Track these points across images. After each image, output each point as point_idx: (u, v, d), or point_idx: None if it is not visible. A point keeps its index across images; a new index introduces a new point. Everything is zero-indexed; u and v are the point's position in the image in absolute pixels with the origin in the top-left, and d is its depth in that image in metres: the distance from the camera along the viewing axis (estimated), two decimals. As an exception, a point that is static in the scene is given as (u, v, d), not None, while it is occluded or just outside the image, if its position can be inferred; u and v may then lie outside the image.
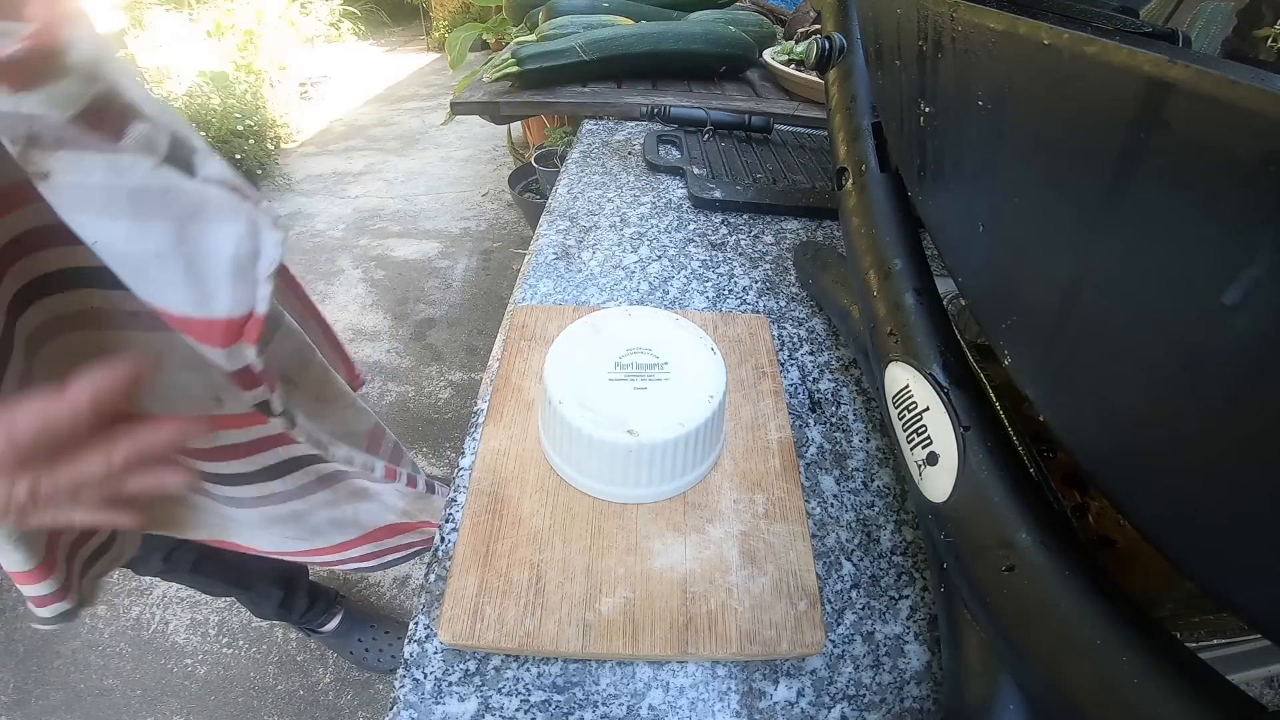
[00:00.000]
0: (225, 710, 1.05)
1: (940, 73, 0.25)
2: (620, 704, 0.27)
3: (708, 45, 0.84)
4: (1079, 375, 0.18)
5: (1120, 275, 0.16)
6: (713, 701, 0.28)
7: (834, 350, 0.45)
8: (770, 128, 0.73)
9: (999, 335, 0.22)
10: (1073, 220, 0.17)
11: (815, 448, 0.38)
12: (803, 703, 0.28)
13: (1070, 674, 0.19)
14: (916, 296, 0.30)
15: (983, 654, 0.24)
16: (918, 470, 0.27)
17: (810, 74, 0.79)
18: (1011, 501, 0.23)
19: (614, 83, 0.85)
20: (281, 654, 1.11)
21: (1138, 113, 0.14)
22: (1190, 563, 0.15)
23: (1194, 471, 0.15)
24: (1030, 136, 0.20)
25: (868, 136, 0.36)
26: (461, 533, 0.31)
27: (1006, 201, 0.21)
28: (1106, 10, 0.29)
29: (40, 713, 1.04)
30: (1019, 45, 0.19)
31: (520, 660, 0.28)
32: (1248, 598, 0.14)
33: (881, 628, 0.31)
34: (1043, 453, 0.27)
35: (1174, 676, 0.17)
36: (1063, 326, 0.18)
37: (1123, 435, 0.17)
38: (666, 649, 0.27)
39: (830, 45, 0.41)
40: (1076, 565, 0.20)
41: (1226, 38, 0.37)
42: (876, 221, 0.33)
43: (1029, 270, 0.20)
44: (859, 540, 0.34)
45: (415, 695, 0.27)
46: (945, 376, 0.27)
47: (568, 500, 0.32)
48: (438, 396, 1.54)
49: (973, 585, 0.24)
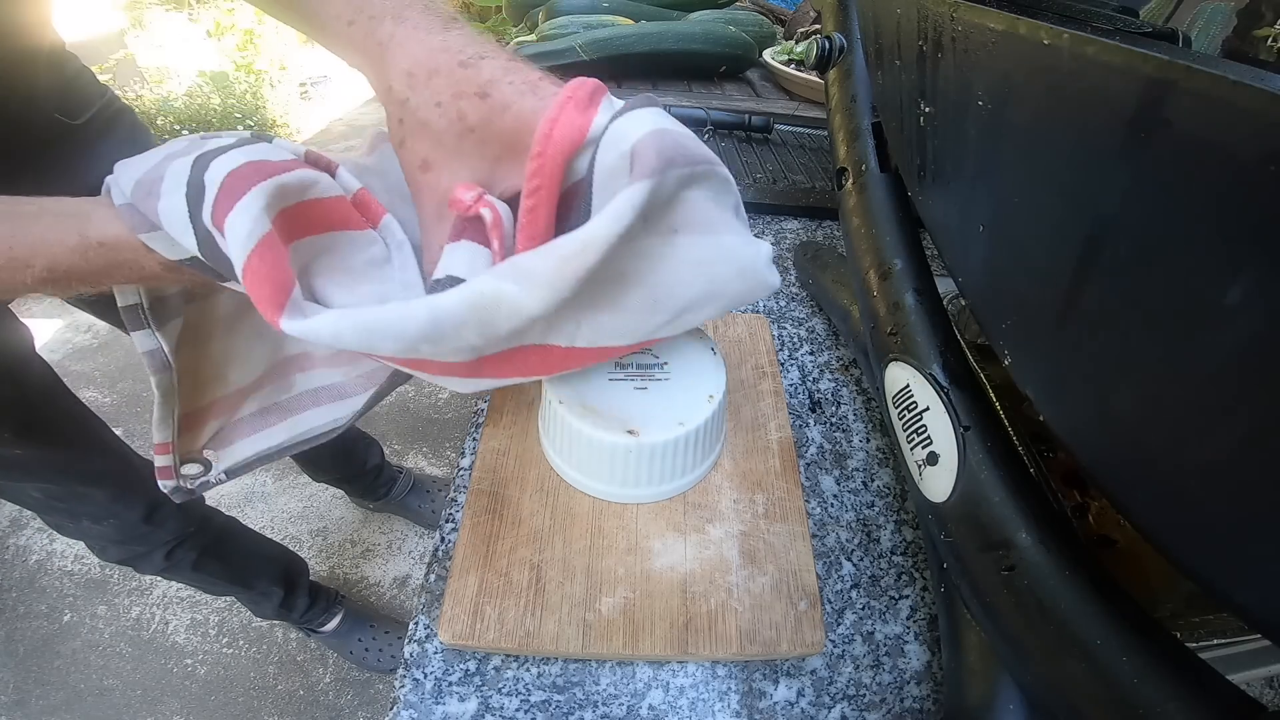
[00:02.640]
0: (225, 710, 1.05)
1: (940, 73, 0.25)
2: (620, 704, 0.27)
3: (708, 45, 0.84)
4: (1079, 375, 0.18)
5: (1120, 275, 0.16)
6: (713, 701, 0.28)
7: (834, 350, 0.45)
8: (770, 128, 0.72)
9: (999, 335, 0.22)
10: (1072, 220, 0.17)
11: (815, 448, 0.38)
12: (803, 703, 0.28)
13: (1070, 674, 0.19)
14: (916, 296, 0.30)
15: (983, 654, 0.24)
16: (918, 470, 0.27)
17: (810, 74, 0.79)
18: (1011, 501, 0.23)
19: (614, 83, 0.84)
20: (281, 654, 1.11)
21: (1138, 113, 0.14)
22: (1190, 563, 0.15)
23: (1194, 471, 0.15)
24: (1030, 136, 0.20)
25: (868, 136, 0.36)
26: (461, 533, 0.31)
27: (1006, 202, 0.21)
28: (1106, 10, 0.29)
29: (40, 713, 1.04)
30: (1019, 45, 0.19)
31: (520, 660, 0.28)
32: (1248, 598, 0.14)
33: (881, 628, 0.30)
34: (1043, 453, 0.27)
35: (1174, 676, 0.17)
36: (1062, 327, 0.18)
37: (1123, 435, 0.17)
38: (666, 649, 0.27)
39: (830, 45, 0.41)
40: (1076, 565, 0.20)
41: (1226, 38, 0.37)
42: (876, 221, 0.33)
43: (1029, 270, 0.20)
44: (859, 540, 0.34)
45: (415, 695, 0.27)
46: (945, 376, 0.27)
47: (568, 500, 0.32)
48: (438, 396, 1.54)
49: (973, 585, 0.24)
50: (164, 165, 0.25)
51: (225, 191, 0.22)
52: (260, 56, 2.81)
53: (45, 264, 0.25)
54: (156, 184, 0.24)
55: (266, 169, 0.23)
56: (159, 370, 0.30)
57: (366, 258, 0.27)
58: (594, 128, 0.22)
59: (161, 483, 0.33)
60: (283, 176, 0.23)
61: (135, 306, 0.29)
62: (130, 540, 0.74)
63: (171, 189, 0.24)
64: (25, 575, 1.23)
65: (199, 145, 0.25)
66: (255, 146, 0.25)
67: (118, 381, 1.56)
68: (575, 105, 0.22)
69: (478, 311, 0.21)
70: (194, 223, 0.23)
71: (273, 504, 1.33)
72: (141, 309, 0.29)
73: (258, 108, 2.56)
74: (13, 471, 0.62)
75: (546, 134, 0.22)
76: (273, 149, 0.25)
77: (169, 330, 0.30)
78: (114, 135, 0.60)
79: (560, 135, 0.22)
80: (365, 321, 0.21)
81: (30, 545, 1.27)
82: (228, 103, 2.42)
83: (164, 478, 0.32)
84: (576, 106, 0.22)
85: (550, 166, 0.22)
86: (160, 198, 0.24)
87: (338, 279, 0.26)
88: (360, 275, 0.26)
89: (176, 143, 0.27)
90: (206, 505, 0.87)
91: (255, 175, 0.22)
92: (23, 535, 1.29)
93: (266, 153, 0.24)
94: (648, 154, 0.21)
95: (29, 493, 0.65)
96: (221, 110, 2.38)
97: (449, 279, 0.23)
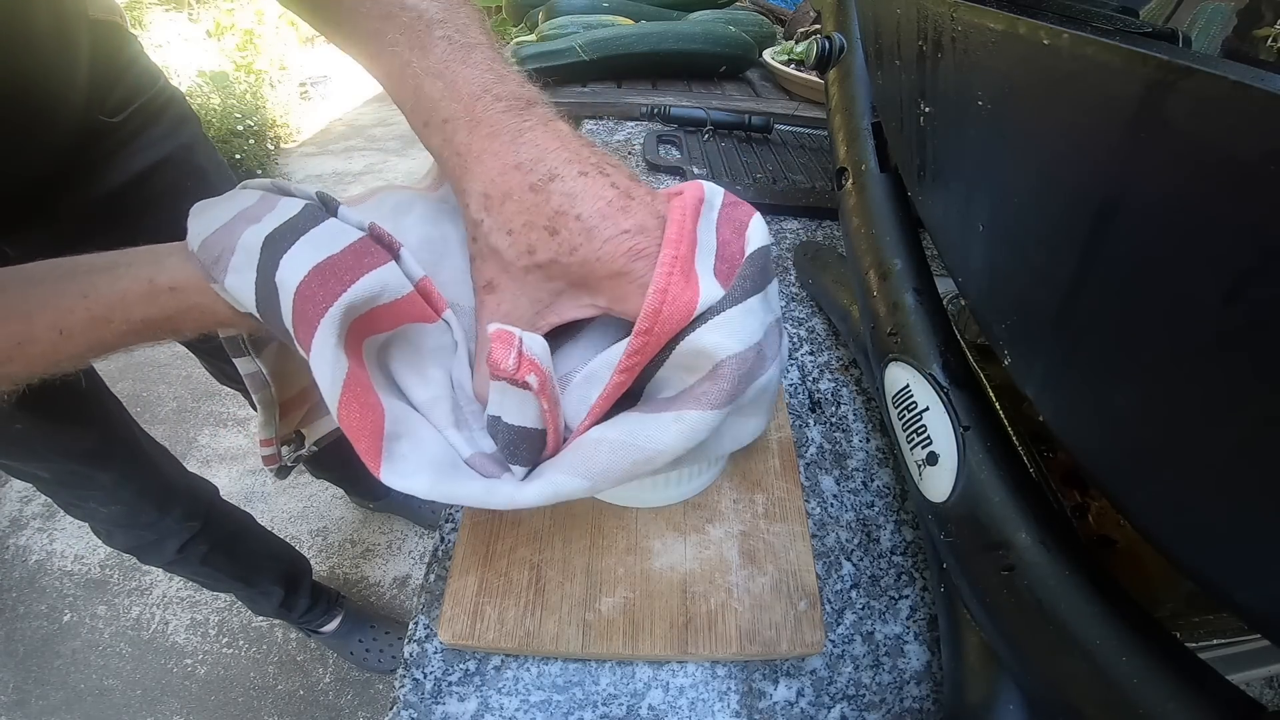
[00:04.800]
0: (225, 710, 1.05)
1: (940, 73, 0.25)
2: (620, 704, 0.27)
3: (708, 45, 0.84)
4: (1079, 375, 0.18)
5: (1120, 275, 0.16)
6: (713, 701, 0.28)
7: (834, 350, 0.45)
8: (770, 127, 0.72)
9: (999, 335, 0.22)
10: (1072, 220, 0.17)
11: (815, 448, 0.38)
12: (803, 703, 0.28)
13: (1070, 674, 0.19)
14: (916, 296, 0.30)
15: (983, 654, 0.24)
16: (918, 470, 0.27)
17: (810, 74, 0.79)
18: (1011, 501, 0.23)
19: (614, 82, 0.84)
20: (281, 654, 1.11)
21: (1137, 113, 0.14)
22: (1190, 563, 0.15)
23: (1194, 471, 0.15)
24: (1030, 136, 0.20)
25: (868, 136, 0.36)
26: (461, 532, 0.31)
27: (1006, 201, 0.21)
28: (1106, 10, 0.29)
29: (40, 713, 1.04)
30: (1019, 45, 0.19)
31: (520, 660, 0.28)
32: (1248, 598, 0.14)
33: (881, 628, 0.30)
34: (1043, 453, 0.27)
35: (1174, 676, 0.17)
36: (1062, 326, 0.18)
37: (1123, 435, 0.17)
38: (666, 649, 0.27)
39: (830, 45, 0.41)
40: (1076, 565, 0.20)
41: (1226, 38, 0.37)
42: (876, 221, 0.33)
43: (1029, 270, 0.20)
44: (859, 540, 0.34)
45: (415, 695, 0.27)
46: (945, 376, 0.27)
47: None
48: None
49: (973, 585, 0.24)
50: (236, 228, 0.25)
51: (300, 317, 0.23)
52: (260, 56, 2.81)
53: (122, 316, 0.25)
54: (227, 255, 0.25)
55: (332, 281, 0.23)
56: (259, 389, 0.32)
57: (435, 344, 0.28)
58: (700, 306, 0.23)
59: (267, 467, 0.35)
60: (351, 294, 0.23)
61: (236, 337, 0.30)
62: (138, 526, 0.74)
63: (242, 265, 0.24)
64: (25, 575, 1.23)
65: (270, 207, 0.26)
66: (319, 232, 0.25)
67: (117, 382, 1.56)
68: (682, 273, 0.23)
69: (554, 500, 0.24)
70: (265, 316, 0.24)
71: (273, 504, 1.33)
72: (242, 339, 0.31)
73: (258, 108, 2.56)
74: (14, 449, 0.61)
75: (655, 310, 0.22)
76: (337, 231, 0.25)
77: (266, 355, 0.32)
78: (157, 127, 0.57)
79: (670, 314, 0.23)
80: (454, 493, 0.24)
81: (30, 545, 1.27)
82: (228, 103, 2.42)
83: (270, 464, 0.35)
84: (683, 274, 0.23)
85: (654, 345, 0.23)
86: (229, 272, 0.24)
87: (411, 362, 0.27)
88: (429, 358, 0.28)
89: (246, 195, 0.28)
90: (220, 499, 0.86)
91: (322, 295, 0.23)
92: (23, 535, 1.29)
93: (330, 242, 0.25)
94: (730, 380, 0.23)
95: (37, 473, 0.65)
96: (221, 110, 2.38)
97: (504, 425, 0.25)
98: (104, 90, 0.52)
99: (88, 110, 0.50)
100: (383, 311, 0.25)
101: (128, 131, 0.55)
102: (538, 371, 0.22)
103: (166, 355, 1.60)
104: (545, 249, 0.24)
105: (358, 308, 0.24)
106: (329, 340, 0.23)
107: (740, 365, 0.23)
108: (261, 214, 0.26)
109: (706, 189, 0.26)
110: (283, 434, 0.35)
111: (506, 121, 0.24)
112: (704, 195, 0.26)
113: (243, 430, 1.49)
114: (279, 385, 0.33)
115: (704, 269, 0.24)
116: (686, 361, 0.24)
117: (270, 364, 0.32)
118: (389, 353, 0.27)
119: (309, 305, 0.23)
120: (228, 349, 0.30)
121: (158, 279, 0.25)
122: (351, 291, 0.23)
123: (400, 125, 3.04)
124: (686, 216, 0.24)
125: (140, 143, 0.56)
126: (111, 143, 0.53)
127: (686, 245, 0.23)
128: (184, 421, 1.51)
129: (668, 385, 0.25)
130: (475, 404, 0.28)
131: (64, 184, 0.51)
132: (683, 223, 0.24)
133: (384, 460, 0.23)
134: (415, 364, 0.28)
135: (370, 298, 0.24)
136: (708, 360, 0.23)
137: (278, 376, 0.33)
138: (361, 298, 0.24)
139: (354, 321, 0.24)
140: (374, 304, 0.25)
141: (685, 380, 0.24)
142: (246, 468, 1.41)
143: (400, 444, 0.24)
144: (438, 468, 0.24)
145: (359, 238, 0.26)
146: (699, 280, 0.23)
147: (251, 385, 0.32)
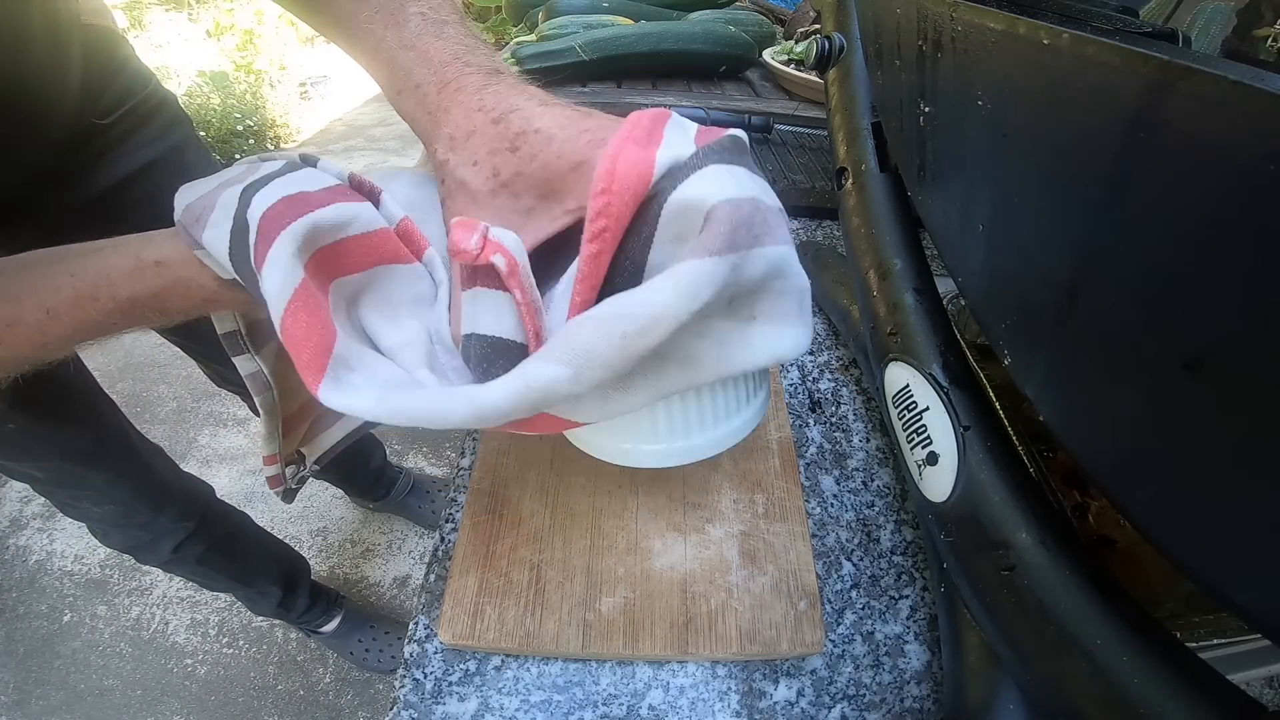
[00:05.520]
0: (225, 710, 1.05)
1: (940, 73, 0.25)
2: (620, 704, 0.27)
3: (708, 45, 0.84)
4: (1079, 375, 0.18)
5: (1120, 275, 0.16)
6: (713, 701, 0.28)
7: (834, 350, 0.45)
8: (770, 128, 0.72)
9: (999, 335, 0.22)
10: (1072, 220, 0.17)
11: (815, 448, 0.38)
12: (803, 703, 0.28)
13: (1070, 674, 0.19)
14: (916, 296, 0.30)
15: (983, 654, 0.24)
16: (918, 470, 0.27)
17: (810, 74, 0.79)
18: (1011, 501, 0.23)
19: (614, 83, 0.84)
20: (281, 654, 1.11)
21: (1137, 112, 0.14)
22: (1190, 563, 0.15)
23: (1194, 471, 0.15)
24: (1030, 136, 0.20)
25: (868, 136, 0.36)
26: (461, 533, 0.31)
27: (1006, 201, 0.21)
28: (1106, 10, 0.29)
29: (40, 713, 1.04)
30: (1019, 45, 0.19)
31: (520, 660, 0.28)
32: (1248, 598, 0.14)
33: (881, 628, 0.30)
34: (1043, 453, 0.27)
35: (1174, 676, 0.17)
36: (1062, 326, 0.18)
37: (1122, 435, 0.17)
38: (666, 649, 0.27)
39: (830, 45, 0.41)
40: (1076, 565, 0.20)
41: (1226, 38, 0.37)
42: (876, 221, 0.33)
43: (1029, 270, 0.20)
44: (859, 540, 0.34)
45: (415, 695, 0.27)
46: (945, 376, 0.27)
47: (568, 500, 0.32)
48: (438, 396, 1.54)
49: (973, 585, 0.24)
50: (217, 193, 0.25)
51: (262, 236, 0.22)
52: (260, 56, 2.81)
53: (108, 294, 0.25)
54: (207, 212, 0.24)
55: (300, 205, 0.22)
56: (261, 390, 0.31)
57: (413, 293, 0.27)
58: (660, 163, 0.20)
59: (272, 489, 0.34)
60: (317, 214, 0.22)
61: (234, 333, 0.29)
62: (133, 526, 0.74)
63: (219, 219, 0.24)
64: (25, 575, 1.23)
65: (253, 170, 0.25)
66: (296, 175, 0.25)
67: (117, 382, 1.56)
68: (635, 141, 0.21)
69: (526, 401, 0.19)
70: (235, 262, 0.23)
71: (273, 504, 1.33)
72: (240, 335, 0.30)
73: (257, 108, 2.56)
74: (8, 449, 0.60)
75: (609, 170, 0.20)
76: (315, 175, 0.25)
77: (266, 354, 0.31)
78: (147, 130, 0.57)
79: (625, 171, 0.20)
80: (404, 407, 0.20)
81: (30, 545, 1.27)
82: (227, 103, 2.42)
83: (274, 485, 0.34)
84: (636, 142, 0.21)
85: (618, 205, 0.20)
86: (206, 228, 0.24)
87: (384, 310, 0.26)
88: (406, 309, 0.26)
89: (235, 167, 0.27)
90: (216, 499, 0.86)
91: (288, 214, 0.22)
92: (23, 535, 1.29)
93: (306, 182, 0.24)
94: (726, 224, 0.19)
95: (32, 473, 0.65)
96: (221, 110, 2.38)
97: (476, 338, 0.22)
98: (95, 93, 0.52)
99: (79, 114, 0.50)
100: (352, 245, 0.24)
101: (118, 133, 0.55)
102: (504, 253, 0.20)
103: (167, 355, 1.60)
104: (508, 166, 0.24)
105: (324, 232, 0.23)
106: (285, 249, 0.21)
107: (735, 210, 0.19)
108: (245, 177, 0.25)
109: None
110: (286, 453, 0.34)
111: (475, 79, 0.25)
112: (675, 115, 0.24)
113: (243, 430, 1.49)
114: (281, 397, 0.32)
115: (674, 133, 0.22)
116: (676, 229, 0.20)
117: (271, 364, 0.31)
118: (359, 303, 0.25)
119: (272, 225, 0.21)
120: (226, 346, 0.30)
121: (144, 254, 0.25)
122: (319, 213, 0.22)
123: (400, 125, 3.03)
124: (648, 115, 0.22)
125: (130, 144, 0.56)
126: (102, 144, 0.54)
127: (646, 125, 0.22)
128: (184, 422, 1.51)
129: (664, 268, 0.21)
130: (454, 353, 0.25)
131: (53, 185, 0.51)
132: (642, 115, 0.22)
133: (326, 375, 0.21)
134: (389, 314, 0.25)
135: (338, 224, 0.23)
136: (697, 214, 0.20)
137: (279, 382, 0.32)
138: (330, 222, 0.23)
139: (320, 254, 0.23)
140: (342, 233, 0.23)
141: (680, 253, 0.20)
142: (246, 468, 1.41)
143: (352, 374, 0.22)
144: (386, 385, 0.22)
145: (337, 183, 0.25)
146: (661, 141, 0.21)
147: (253, 387, 0.31)
